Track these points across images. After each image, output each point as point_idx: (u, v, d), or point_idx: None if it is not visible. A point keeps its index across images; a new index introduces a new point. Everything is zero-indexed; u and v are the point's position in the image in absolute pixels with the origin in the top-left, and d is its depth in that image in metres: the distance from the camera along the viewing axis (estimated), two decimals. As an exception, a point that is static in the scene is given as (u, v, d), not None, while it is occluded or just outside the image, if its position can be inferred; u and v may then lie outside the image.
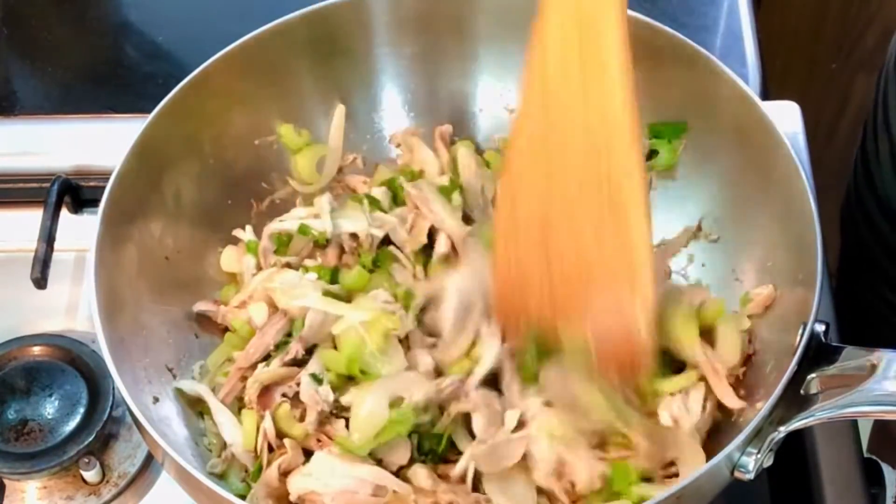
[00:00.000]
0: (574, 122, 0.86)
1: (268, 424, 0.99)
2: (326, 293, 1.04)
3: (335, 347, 1.02)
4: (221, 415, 1.01)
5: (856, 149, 1.39)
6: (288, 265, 1.09)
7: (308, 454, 0.99)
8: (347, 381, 1.00)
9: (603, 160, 0.86)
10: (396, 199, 1.14)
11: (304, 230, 1.09)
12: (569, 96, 0.86)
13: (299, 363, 1.02)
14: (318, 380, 1.00)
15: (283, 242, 1.11)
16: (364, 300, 1.03)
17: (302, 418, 1.00)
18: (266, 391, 1.01)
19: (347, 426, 0.99)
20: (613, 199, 0.86)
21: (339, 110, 1.17)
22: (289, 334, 1.04)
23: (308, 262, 1.09)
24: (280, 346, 1.04)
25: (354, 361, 0.99)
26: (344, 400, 0.99)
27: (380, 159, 1.19)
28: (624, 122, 0.85)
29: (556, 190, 0.88)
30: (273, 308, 1.05)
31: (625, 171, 0.86)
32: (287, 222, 1.11)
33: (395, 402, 0.97)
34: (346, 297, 1.05)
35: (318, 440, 0.99)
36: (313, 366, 1.01)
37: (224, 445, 1.01)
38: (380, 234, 1.09)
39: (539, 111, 0.88)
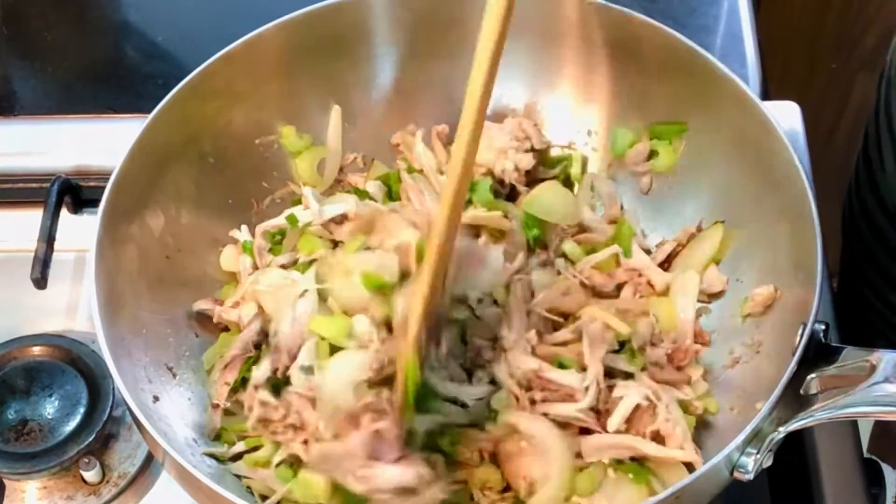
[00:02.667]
0: None
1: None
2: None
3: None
4: None
5: (857, 149, 1.39)
6: (284, 266, 1.09)
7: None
8: None
9: None
10: (391, 195, 1.14)
11: (292, 220, 1.09)
12: None
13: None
14: (309, 370, 1.00)
15: (276, 240, 1.11)
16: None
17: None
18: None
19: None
20: None
21: (336, 111, 1.17)
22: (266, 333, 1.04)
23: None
24: (262, 345, 1.04)
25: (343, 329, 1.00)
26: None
27: (380, 158, 1.19)
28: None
29: None
30: (262, 308, 1.05)
31: None
32: (278, 218, 1.11)
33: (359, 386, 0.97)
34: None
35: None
36: (304, 358, 1.00)
37: None
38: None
39: None
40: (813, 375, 0.91)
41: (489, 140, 1.15)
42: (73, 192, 1.25)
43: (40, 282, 1.17)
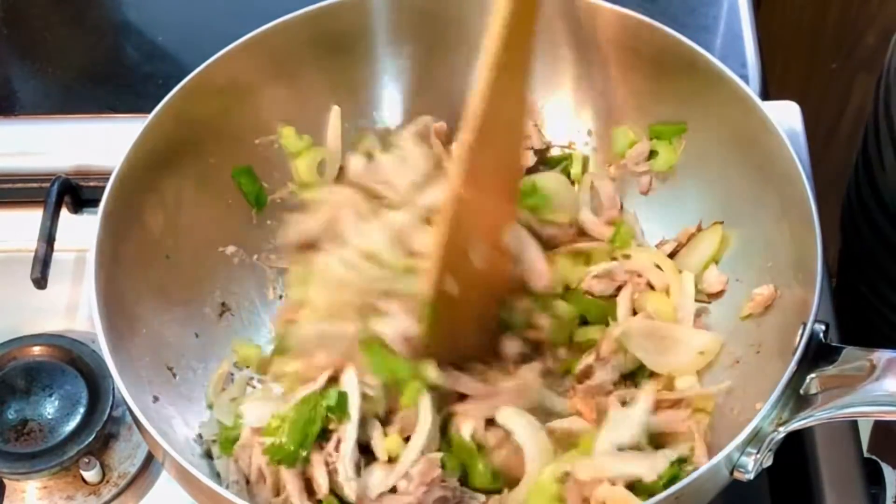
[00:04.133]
0: None
1: None
2: None
3: None
4: None
5: (856, 150, 1.39)
6: None
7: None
8: None
9: None
10: None
11: None
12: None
13: None
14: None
15: None
16: None
17: None
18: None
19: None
20: None
21: (335, 112, 1.16)
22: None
23: None
24: None
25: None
26: None
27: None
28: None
29: None
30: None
31: None
32: None
33: None
34: None
35: None
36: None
37: None
38: None
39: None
40: (813, 375, 0.91)
41: (489, 139, 1.15)
42: (73, 192, 1.25)
43: (40, 282, 1.17)
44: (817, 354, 0.91)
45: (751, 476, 0.90)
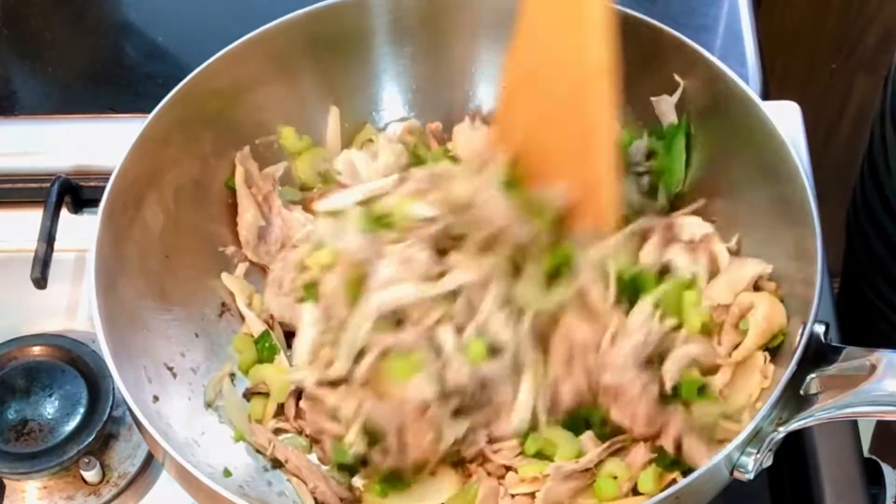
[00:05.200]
0: (555, 65, 1.03)
1: None
2: None
3: None
4: None
5: (858, 150, 1.39)
6: None
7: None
8: None
9: (579, 98, 1.02)
10: None
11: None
12: (552, 45, 1.03)
13: None
14: None
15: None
16: None
17: None
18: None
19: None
20: (586, 133, 1.03)
21: (334, 113, 1.17)
22: None
23: None
24: None
25: None
26: None
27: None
28: (596, 68, 1.01)
29: (540, 116, 1.05)
30: None
31: (596, 112, 1.02)
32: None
33: None
34: None
35: None
36: None
37: None
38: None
39: (527, 50, 1.04)
40: (813, 375, 0.91)
41: (490, 138, 1.15)
42: (73, 192, 1.25)
43: (40, 282, 1.17)
44: (817, 354, 0.91)
45: (751, 476, 0.90)
